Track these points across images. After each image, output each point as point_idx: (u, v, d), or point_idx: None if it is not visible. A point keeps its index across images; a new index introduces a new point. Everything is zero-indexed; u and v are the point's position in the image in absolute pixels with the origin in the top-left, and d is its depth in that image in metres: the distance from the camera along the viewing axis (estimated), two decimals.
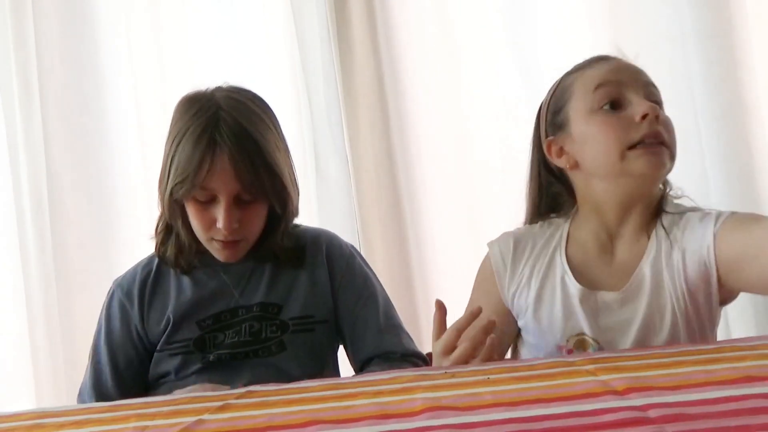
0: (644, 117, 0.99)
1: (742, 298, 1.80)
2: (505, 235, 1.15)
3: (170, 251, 1.23)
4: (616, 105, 1.02)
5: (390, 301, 1.29)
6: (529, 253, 1.11)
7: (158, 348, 1.20)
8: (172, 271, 1.24)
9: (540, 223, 1.16)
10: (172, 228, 1.22)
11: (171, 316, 1.19)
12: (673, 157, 1.01)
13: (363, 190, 1.90)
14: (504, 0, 1.94)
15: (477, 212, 1.88)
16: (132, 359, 1.22)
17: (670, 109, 1.86)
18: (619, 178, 1.03)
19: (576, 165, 1.08)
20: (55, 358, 1.87)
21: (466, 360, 0.87)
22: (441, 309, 0.96)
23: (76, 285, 1.90)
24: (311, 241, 1.28)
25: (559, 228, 1.12)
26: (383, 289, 1.29)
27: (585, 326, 1.03)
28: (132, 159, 1.94)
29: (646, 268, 1.03)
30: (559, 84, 1.13)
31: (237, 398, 0.77)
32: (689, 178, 1.86)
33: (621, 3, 1.90)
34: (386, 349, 1.21)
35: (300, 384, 0.84)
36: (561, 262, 1.08)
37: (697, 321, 1.02)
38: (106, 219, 1.90)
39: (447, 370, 0.81)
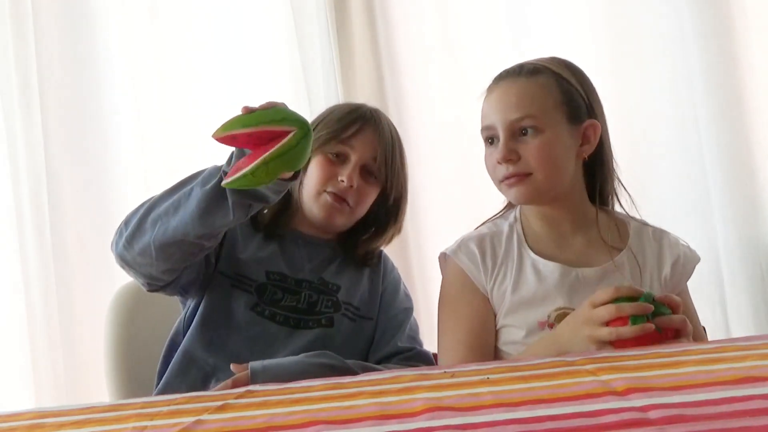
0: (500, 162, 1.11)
1: (742, 298, 1.82)
2: (463, 241, 1.19)
3: (270, 210, 1.28)
4: (493, 141, 1.15)
5: (417, 325, 1.35)
6: (492, 254, 1.15)
7: (223, 271, 1.22)
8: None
9: (486, 225, 1.23)
10: None
11: (248, 252, 1.24)
12: (546, 175, 1.09)
13: None
14: (504, 0, 1.94)
15: (477, 212, 1.87)
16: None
17: (670, 109, 1.88)
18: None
19: None
20: (55, 358, 1.87)
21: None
22: None
23: (76, 285, 1.90)
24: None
25: (512, 228, 1.18)
26: (416, 322, 1.36)
27: (565, 301, 1.09)
28: (132, 159, 1.94)
29: (625, 257, 1.13)
30: None
31: (237, 398, 0.76)
32: (689, 178, 1.87)
33: (621, 3, 1.90)
34: (399, 347, 1.26)
35: (300, 384, 0.84)
36: (529, 254, 1.14)
37: None
38: (106, 218, 1.89)
39: (447, 370, 0.81)
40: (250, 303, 1.21)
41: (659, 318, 0.91)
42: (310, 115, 1.93)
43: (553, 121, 1.09)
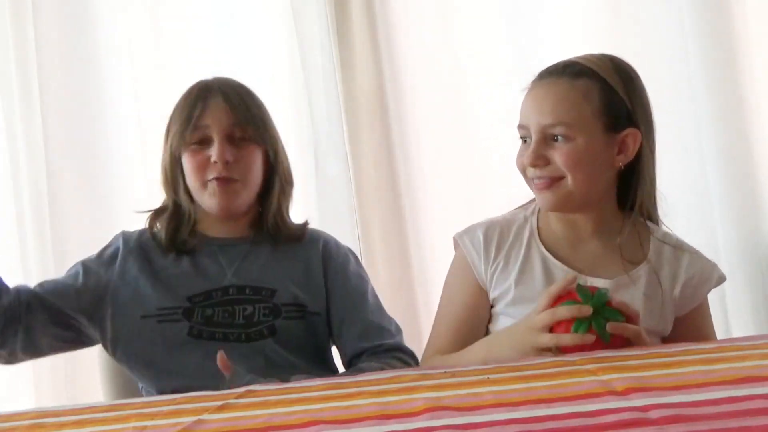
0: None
1: (742, 297, 1.82)
2: (473, 227, 1.19)
3: (165, 228, 1.23)
4: (527, 140, 1.12)
5: (381, 305, 1.29)
6: (498, 241, 1.15)
7: (143, 315, 1.17)
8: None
9: (505, 214, 1.22)
10: (165, 208, 1.25)
11: (158, 283, 1.19)
12: (576, 182, 1.06)
13: (363, 190, 1.90)
14: (504, 0, 1.94)
15: (477, 212, 1.87)
16: (64, 296, 1.19)
17: (670, 110, 1.88)
18: None
19: None
20: (55, 358, 1.86)
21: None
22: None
23: None
24: (311, 235, 1.31)
25: (526, 219, 1.18)
26: (375, 293, 1.30)
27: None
28: (132, 158, 1.94)
29: (642, 270, 1.10)
30: None
31: (237, 398, 0.77)
32: (689, 178, 1.87)
33: (621, 3, 1.90)
34: (373, 342, 1.21)
35: (300, 384, 0.84)
36: (540, 249, 1.13)
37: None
38: (106, 219, 1.89)
39: (447, 370, 0.81)
40: (184, 329, 1.15)
41: (611, 324, 0.88)
42: (310, 114, 1.93)
43: (588, 130, 1.05)
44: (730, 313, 1.81)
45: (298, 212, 1.91)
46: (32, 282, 1.86)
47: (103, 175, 1.94)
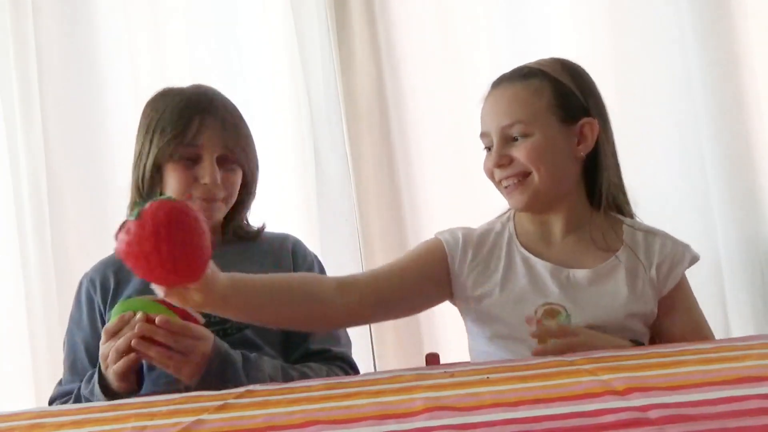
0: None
1: (742, 297, 1.82)
2: (453, 228, 1.20)
3: None
4: (491, 148, 1.15)
5: None
6: (477, 245, 1.16)
7: None
8: None
9: (480, 226, 1.23)
10: None
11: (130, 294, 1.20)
12: (542, 176, 1.10)
13: (363, 190, 1.90)
14: (504, 0, 1.94)
15: (477, 212, 1.87)
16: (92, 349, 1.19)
17: (670, 109, 1.88)
18: None
19: None
20: (55, 358, 1.87)
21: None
22: None
23: (76, 285, 1.90)
24: (279, 237, 1.33)
25: (504, 226, 1.19)
26: None
27: (554, 296, 1.09)
28: (132, 158, 1.94)
29: (621, 256, 1.13)
30: None
31: (236, 398, 0.77)
32: (689, 178, 1.87)
33: (621, 3, 1.90)
34: (322, 345, 1.22)
35: (300, 384, 0.84)
36: (519, 250, 1.15)
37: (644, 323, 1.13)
38: (106, 219, 1.89)
39: (446, 370, 0.81)
40: None
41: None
42: (310, 115, 1.93)
43: (544, 124, 1.10)
44: (730, 313, 1.81)
45: (298, 212, 1.93)
46: (32, 281, 1.88)
47: (103, 175, 1.94)
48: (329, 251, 1.83)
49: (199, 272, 0.84)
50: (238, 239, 1.30)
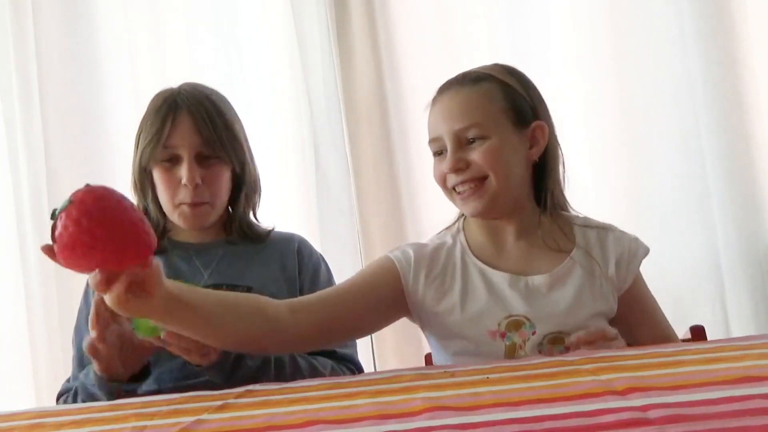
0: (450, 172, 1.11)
1: (742, 297, 1.82)
2: (403, 246, 1.18)
3: None
4: (442, 153, 1.14)
5: None
6: (430, 262, 1.13)
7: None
8: None
9: (431, 238, 1.21)
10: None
11: None
12: (500, 180, 1.09)
13: (363, 190, 1.90)
14: (504, 0, 1.94)
15: None
16: None
17: (670, 109, 1.88)
18: None
19: None
20: (55, 358, 1.87)
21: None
22: None
23: (76, 285, 1.90)
24: (285, 236, 1.32)
25: (454, 239, 1.17)
26: None
27: (516, 308, 1.08)
28: (132, 159, 1.94)
29: (576, 256, 1.12)
30: None
31: (236, 398, 0.77)
32: (689, 178, 1.87)
33: (621, 3, 1.90)
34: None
35: (300, 384, 0.84)
36: (475, 264, 1.13)
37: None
38: None
39: (446, 370, 0.81)
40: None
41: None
42: (310, 115, 1.93)
43: (499, 127, 1.09)
44: (730, 313, 1.81)
45: (298, 212, 1.93)
46: (32, 281, 1.88)
47: (103, 175, 1.94)
48: (329, 251, 1.82)
49: (143, 245, 0.78)
50: (244, 238, 1.28)
